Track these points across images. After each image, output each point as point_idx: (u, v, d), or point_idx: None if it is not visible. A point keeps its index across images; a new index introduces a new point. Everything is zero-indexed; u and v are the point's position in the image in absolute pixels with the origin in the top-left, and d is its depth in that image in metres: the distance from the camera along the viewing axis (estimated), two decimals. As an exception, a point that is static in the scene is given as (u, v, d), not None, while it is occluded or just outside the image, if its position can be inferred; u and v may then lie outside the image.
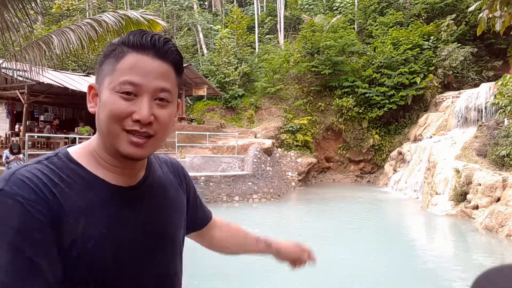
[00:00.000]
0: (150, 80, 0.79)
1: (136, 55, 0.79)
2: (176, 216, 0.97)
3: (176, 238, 0.96)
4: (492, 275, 0.51)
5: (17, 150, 9.40)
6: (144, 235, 0.86)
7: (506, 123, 12.07)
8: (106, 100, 0.79)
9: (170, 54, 0.82)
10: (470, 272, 6.37)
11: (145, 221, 0.87)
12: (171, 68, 0.83)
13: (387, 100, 18.47)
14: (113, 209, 0.82)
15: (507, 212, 8.65)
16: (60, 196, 0.76)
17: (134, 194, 0.87)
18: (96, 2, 27.41)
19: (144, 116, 0.77)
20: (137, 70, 0.78)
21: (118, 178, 0.85)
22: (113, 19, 6.53)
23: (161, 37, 0.82)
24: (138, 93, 0.78)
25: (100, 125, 0.81)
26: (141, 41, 0.79)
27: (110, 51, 0.82)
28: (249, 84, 20.96)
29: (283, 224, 10.66)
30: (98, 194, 0.81)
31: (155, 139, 0.81)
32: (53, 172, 0.78)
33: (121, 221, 0.83)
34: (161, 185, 0.95)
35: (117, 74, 0.79)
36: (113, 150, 0.81)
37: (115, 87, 0.78)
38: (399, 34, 19.59)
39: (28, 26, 5.96)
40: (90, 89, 0.86)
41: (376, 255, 7.46)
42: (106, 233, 0.79)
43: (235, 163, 14.11)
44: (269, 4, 29.62)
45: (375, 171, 19.77)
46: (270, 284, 5.88)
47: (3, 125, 16.17)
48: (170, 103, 0.83)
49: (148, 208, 0.89)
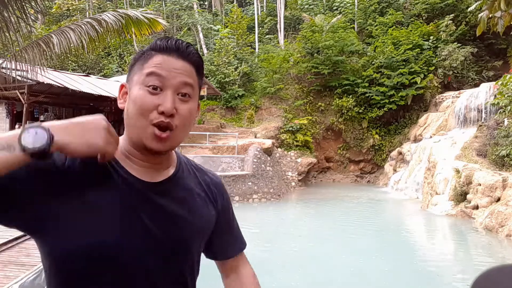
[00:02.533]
0: (174, 75, 0.88)
1: (162, 56, 0.89)
2: (196, 222, 0.96)
3: (189, 243, 0.95)
4: (492, 275, 0.51)
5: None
6: (152, 231, 0.88)
7: (506, 123, 12.07)
8: (135, 95, 0.87)
9: (192, 56, 0.91)
10: (470, 272, 6.37)
11: (159, 218, 0.89)
12: (193, 68, 0.92)
13: (387, 100, 18.46)
14: (127, 198, 0.87)
15: (507, 212, 8.65)
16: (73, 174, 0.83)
17: (155, 189, 0.91)
18: (96, 2, 27.41)
19: (167, 107, 0.85)
20: (163, 66, 0.87)
21: (142, 171, 0.91)
22: (113, 18, 6.52)
23: (183, 42, 0.92)
24: (163, 87, 0.87)
25: (129, 118, 0.88)
26: (167, 44, 0.90)
27: (140, 55, 0.92)
28: (249, 84, 20.96)
29: (283, 224, 10.66)
30: (118, 180, 0.87)
31: (175, 132, 0.88)
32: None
33: (132, 212, 0.86)
34: (186, 188, 0.98)
35: (145, 70, 0.88)
36: (138, 144, 0.88)
37: (143, 81, 0.87)
38: (399, 34, 19.59)
39: (28, 25, 5.96)
40: (121, 88, 0.93)
41: (376, 255, 7.46)
42: (112, 216, 0.83)
43: (235, 163, 14.11)
44: (269, 4, 29.61)
45: (375, 171, 19.77)
46: (272, 285, 5.88)
47: (3, 125, 16.17)
48: (191, 98, 0.91)
49: (165, 206, 0.91)
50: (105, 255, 0.82)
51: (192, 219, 0.95)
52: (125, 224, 0.84)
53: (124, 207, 0.85)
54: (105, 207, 0.83)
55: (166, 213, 0.90)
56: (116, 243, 0.83)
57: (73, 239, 0.80)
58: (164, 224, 0.90)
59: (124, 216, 0.85)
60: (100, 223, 0.82)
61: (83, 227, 0.81)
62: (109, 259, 0.82)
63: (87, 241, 0.80)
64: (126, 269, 0.85)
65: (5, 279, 3.93)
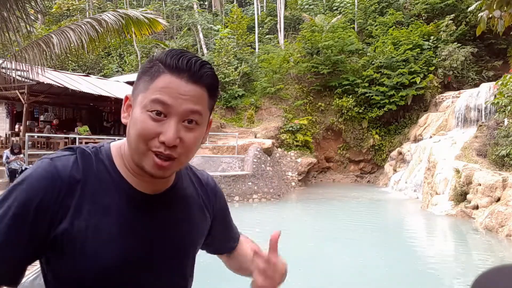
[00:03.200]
0: (180, 102, 0.79)
1: (171, 77, 0.80)
2: (194, 232, 0.98)
3: (189, 253, 0.97)
4: (492, 275, 0.51)
5: (18, 150, 9.41)
6: (154, 245, 0.88)
7: (506, 123, 12.06)
8: (137, 118, 0.80)
9: (205, 79, 0.82)
10: (470, 272, 6.37)
11: (159, 231, 0.89)
12: (205, 91, 0.83)
13: (387, 100, 18.46)
14: (130, 213, 0.85)
15: (507, 212, 8.65)
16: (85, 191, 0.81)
17: (156, 201, 0.89)
18: (96, 2, 27.40)
19: (170, 138, 0.78)
20: (169, 91, 0.79)
21: (142, 184, 0.87)
22: (114, 18, 6.52)
23: (198, 60, 0.82)
24: (167, 114, 0.79)
25: (129, 140, 0.83)
26: (177, 63, 0.80)
27: (148, 69, 0.83)
28: (249, 84, 20.96)
29: (283, 224, 10.66)
30: (120, 195, 0.85)
31: (178, 161, 0.82)
32: (90, 165, 0.84)
33: (135, 227, 0.85)
34: (184, 198, 0.96)
35: (149, 92, 0.80)
36: (139, 165, 0.83)
37: (146, 105, 0.79)
38: (399, 34, 19.59)
39: (28, 25, 5.96)
40: (126, 100, 0.87)
41: (376, 255, 7.46)
42: (117, 233, 0.82)
43: (235, 163, 14.11)
44: (269, 4, 29.60)
45: (375, 171, 19.77)
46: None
47: (3, 125, 16.18)
48: (199, 125, 0.83)
49: (166, 218, 0.91)
50: (110, 277, 0.82)
51: (191, 230, 0.96)
52: (129, 242, 0.84)
53: (128, 225, 0.84)
54: (110, 226, 0.82)
55: (166, 226, 0.90)
56: (121, 263, 0.83)
57: (77, 263, 0.80)
58: (165, 237, 0.90)
59: (128, 234, 0.84)
60: (105, 244, 0.81)
61: (86, 251, 0.80)
62: (113, 280, 0.83)
63: (89, 265, 0.80)
64: (131, 286, 0.86)
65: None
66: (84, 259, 0.79)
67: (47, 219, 0.78)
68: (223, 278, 5.92)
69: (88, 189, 0.81)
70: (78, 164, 0.83)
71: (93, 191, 0.82)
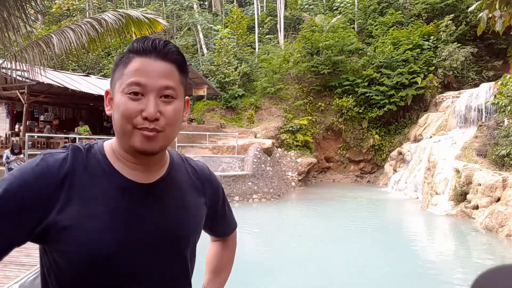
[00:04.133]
0: (154, 80, 0.86)
1: (140, 59, 0.87)
2: (191, 219, 0.99)
3: (187, 241, 0.98)
4: (492, 275, 0.51)
5: (18, 151, 9.40)
6: (149, 233, 0.90)
7: (506, 123, 12.07)
8: (118, 102, 0.87)
9: (171, 55, 0.89)
10: (470, 272, 6.37)
11: (154, 220, 0.91)
12: (174, 67, 0.90)
13: (387, 100, 18.47)
14: (123, 202, 0.87)
15: (507, 212, 8.65)
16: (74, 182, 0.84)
17: (149, 191, 0.92)
18: (96, 2, 27.40)
19: (150, 113, 0.84)
20: (142, 72, 0.86)
21: (135, 174, 0.91)
22: (114, 18, 6.52)
23: (161, 40, 0.90)
24: (144, 93, 0.86)
25: (116, 126, 0.88)
26: (143, 46, 0.88)
27: (119, 59, 0.91)
28: (249, 84, 20.96)
29: (283, 224, 10.66)
30: (111, 185, 0.88)
31: (164, 133, 0.88)
32: (80, 159, 0.88)
33: (128, 216, 0.87)
34: (179, 187, 0.99)
35: (125, 77, 0.87)
36: (129, 148, 0.89)
37: (124, 89, 0.86)
38: (399, 34, 19.59)
39: (28, 25, 5.96)
40: (107, 94, 0.94)
41: (376, 255, 7.46)
42: (109, 224, 0.85)
43: (235, 163, 14.11)
44: (269, 4, 29.60)
45: (375, 171, 19.77)
46: (273, 284, 5.88)
47: (3, 125, 16.17)
48: (175, 99, 0.89)
49: (160, 207, 0.92)
50: (105, 264, 0.84)
51: (187, 217, 0.98)
52: (123, 231, 0.86)
53: (120, 213, 0.87)
54: (102, 215, 0.84)
55: (161, 214, 0.92)
56: (115, 251, 0.85)
57: (71, 252, 0.82)
58: (161, 225, 0.92)
59: (121, 223, 0.86)
60: (98, 233, 0.83)
61: (82, 238, 0.82)
62: (109, 268, 0.85)
63: (87, 252, 0.82)
64: (128, 274, 0.87)
65: (5, 279, 3.93)
66: (77, 248, 0.82)
67: (35, 211, 0.80)
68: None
69: (78, 181, 0.84)
70: (68, 159, 0.86)
71: (83, 183, 0.85)
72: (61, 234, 0.81)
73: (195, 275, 1.03)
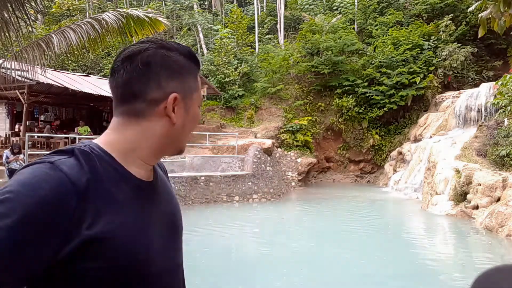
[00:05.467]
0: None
1: (196, 73, 0.95)
2: (178, 208, 1.04)
3: (181, 229, 1.03)
4: (492, 275, 0.51)
5: (18, 150, 9.41)
6: (164, 227, 0.92)
7: (506, 123, 12.07)
8: (196, 113, 0.94)
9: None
10: (470, 272, 6.37)
11: (163, 214, 0.93)
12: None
13: (387, 99, 18.47)
14: (142, 201, 0.87)
15: (507, 212, 8.65)
16: (97, 190, 0.78)
17: (155, 188, 0.93)
18: (96, 2, 27.39)
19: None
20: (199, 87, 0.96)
21: (141, 173, 0.89)
22: (114, 18, 6.51)
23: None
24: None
25: (184, 133, 0.92)
26: (198, 62, 0.96)
27: (188, 63, 0.92)
28: (249, 84, 20.95)
29: (283, 224, 10.66)
30: (129, 187, 0.85)
31: None
32: (94, 164, 0.80)
33: (149, 214, 0.88)
34: (163, 182, 1.01)
35: (199, 90, 0.95)
36: (174, 151, 0.94)
37: (199, 102, 0.96)
38: (399, 34, 19.59)
39: (28, 25, 5.96)
40: (176, 100, 0.87)
41: (376, 255, 7.46)
42: (139, 223, 0.84)
43: (235, 163, 14.11)
44: (269, 4, 29.60)
45: (375, 171, 19.77)
46: (273, 284, 5.88)
47: (3, 125, 16.18)
48: None
49: (162, 201, 0.95)
50: (145, 268, 0.83)
51: (178, 207, 1.03)
52: (152, 232, 0.87)
53: (145, 214, 0.87)
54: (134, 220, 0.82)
55: (167, 207, 0.97)
56: (150, 253, 0.85)
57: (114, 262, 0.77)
58: (171, 219, 0.96)
59: (148, 224, 0.87)
60: (136, 238, 0.81)
61: (123, 248, 0.78)
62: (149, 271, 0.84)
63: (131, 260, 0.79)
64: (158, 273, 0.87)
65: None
66: (119, 259, 0.77)
67: (62, 232, 0.72)
68: (224, 279, 5.92)
69: (101, 189, 0.78)
70: (82, 165, 0.78)
71: (106, 189, 0.79)
72: (95, 249, 0.74)
73: (193, 275, 1.03)
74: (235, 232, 9.45)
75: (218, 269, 6.36)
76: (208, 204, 12.11)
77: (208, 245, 7.87)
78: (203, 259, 6.87)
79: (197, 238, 8.04)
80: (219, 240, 8.57)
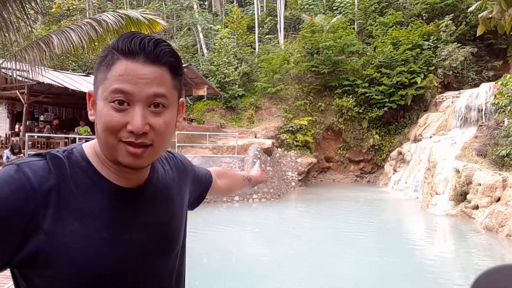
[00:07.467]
0: (141, 87, 0.75)
1: (126, 62, 0.75)
2: (178, 216, 0.97)
3: (178, 239, 0.96)
4: (492, 275, 0.51)
5: (18, 150, 9.41)
6: (147, 237, 0.86)
7: (506, 123, 12.07)
8: (100, 111, 0.76)
9: (163, 57, 0.77)
10: (470, 272, 6.37)
11: (147, 223, 0.87)
12: (166, 71, 0.78)
13: (387, 99, 18.48)
14: (117, 211, 0.81)
15: (507, 212, 8.65)
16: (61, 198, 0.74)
17: (138, 195, 0.86)
18: (96, 2, 27.39)
19: (137, 126, 0.73)
20: (127, 78, 0.74)
21: (121, 179, 0.83)
22: (113, 18, 6.53)
23: (152, 39, 0.77)
24: (130, 102, 0.75)
25: (98, 136, 0.78)
26: (130, 46, 0.75)
27: (102, 58, 0.78)
28: (249, 84, 20.96)
29: (283, 224, 10.66)
30: (103, 195, 0.80)
31: (153, 148, 0.78)
32: (63, 170, 0.77)
33: (125, 224, 0.82)
34: (164, 187, 0.94)
35: (108, 82, 0.75)
36: (112, 160, 0.79)
37: (107, 97, 0.75)
38: (399, 34, 19.60)
39: (28, 25, 5.96)
40: (90, 97, 0.82)
41: (376, 254, 7.46)
42: (109, 236, 0.78)
43: (235, 163, 14.11)
44: (269, 4, 29.60)
45: (375, 171, 19.78)
46: (273, 284, 5.88)
47: (3, 125, 16.17)
48: (166, 108, 0.79)
49: (150, 209, 0.88)
50: (112, 284, 0.79)
51: (174, 218, 0.95)
52: (125, 245, 0.81)
53: (119, 226, 0.81)
54: (102, 232, 0.78)
55: (152, 218, 0.88)
56: (121, 268, 0.80)
57: (72, 275, 0.74)
58: (153, 229, 0.88)
59: (122, 236, 0.81)
60: (100, 252, 0.77)
61: (83, 261, 0.75)
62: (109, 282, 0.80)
63: (90, 275, 0.76)
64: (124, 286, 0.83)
65: (5, 279, 3.93)
66: (77, 272, 0.74)
67: (16, 234, 0.69)
68: (224, 279, 5.92)
69: (66, 196, 0.74)
70: (50, 170, 0.75)
71: (71, 196, 0.75)
72: (54, 259, 0.72)
73: (193, 275, 1.03)
74: (235, 232, 9.46)
75: (218, 269, 6.36)
76: (208, 204, 12.11)
77: (208, 245, 7.87)
78: (203, 259, 6.88)
79: (197, 238, 8.04)
80: (219, 240, 8.58)
